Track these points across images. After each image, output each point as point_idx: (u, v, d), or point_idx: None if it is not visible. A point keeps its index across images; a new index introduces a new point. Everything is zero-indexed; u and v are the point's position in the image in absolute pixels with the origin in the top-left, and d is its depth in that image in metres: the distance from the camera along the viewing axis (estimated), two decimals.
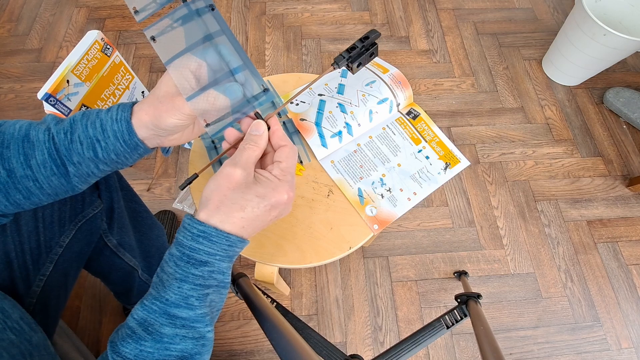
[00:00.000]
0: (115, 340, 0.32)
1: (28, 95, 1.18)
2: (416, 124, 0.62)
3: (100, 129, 0.34)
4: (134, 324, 0.32)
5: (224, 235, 0.32)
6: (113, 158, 0.35)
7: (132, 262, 0.67)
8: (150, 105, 0.34)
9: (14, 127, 0.34)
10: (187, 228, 0.32)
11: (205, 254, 0.32)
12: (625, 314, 0.94)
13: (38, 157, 0.33)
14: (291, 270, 0.96)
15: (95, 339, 0.87)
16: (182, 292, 0.31)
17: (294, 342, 0.42)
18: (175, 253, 0.32)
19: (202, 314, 0.33)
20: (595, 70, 1.19)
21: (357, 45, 0.38)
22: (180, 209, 1.02)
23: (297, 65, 1.26)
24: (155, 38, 0.34)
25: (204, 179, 0.56)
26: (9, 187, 0.34)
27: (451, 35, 1.35)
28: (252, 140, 0.35)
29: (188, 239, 0.32)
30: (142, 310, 0.32)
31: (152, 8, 0.34)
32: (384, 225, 0.54)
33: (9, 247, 0.43)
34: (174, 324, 0.31)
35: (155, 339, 0.31)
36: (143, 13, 0.34)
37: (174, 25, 0.34)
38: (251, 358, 0.87)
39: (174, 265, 0.32)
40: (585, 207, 1.06)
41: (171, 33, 0.34)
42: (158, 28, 0.34)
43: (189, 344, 0.32)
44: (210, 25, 0.34)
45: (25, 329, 0.37)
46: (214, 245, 0.32)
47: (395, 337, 0.90)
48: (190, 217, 0.33)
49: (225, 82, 0.35)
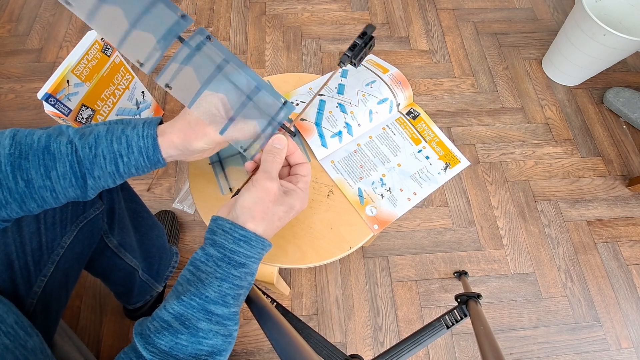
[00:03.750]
0: (147, 333, 0.33)
1: (28, 95, 1.18)
2: (416, 124, 0.62)
3: (126, 144, 0.36)
4: (170, 318, 0.33)
5: (261, 239, 0.36)
6: (132, 172, 0.38)
7: (132, 262, 0.67)
8: (181, 130, 0.37)
9: (32, 137, 0.35)
10: (229, 232, 0.35)
11: (244, 257, 0.36)
12: (625, 313, 0.94)
13: (59, 169, 0.35)
14: (291, 270, 0.97)
15: (95, 339, 0.87)
16: (221, 290, 0.34)
17: (294, 342, 0.42)
18: (215, 254, 0.35)
19: (234, 312, 0.36)
20: (595, 70, 1.19)
21: (357, 42, 0.40)
22: (180, 209, 1.02)
23: (297, 65, 1.27)
24: (169, 85, 0.36)
25: (206, 181, 0.56)
26: (26, 197, 0.35)
27: (451, 35, 1.36)
28: (277, 154, 0.39)
29: (230, 242, 0.35)
30: (179, 305, 0.34)
31: (155, 56, 0.35)
32: (384, 225, 0.54)
33: (10, 248, 0.43)
34: (210, 320, 0.34)
35: (191, 332, 0.33)
36: (148, 63, 0.35)
37: (182, 67, 0.36)
38: (251, 358, 0.87)
39: (214, 265, 0.35)
40: (585, 207, 1.06)
41: (182, 75, 0.36)
42: (168, 74, 0.35)
43: (220, 340, 0.35)
44: (215, 57, 0.36)
45: (20, 334, 0.37)
46: (252, 249, 0.36)
47: (396, 337, 0.90)
48: (232, 223, 0.36)
49: (248, 107, 0.38)
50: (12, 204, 0.34)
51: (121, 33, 0.34)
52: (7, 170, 0.33)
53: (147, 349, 0.32)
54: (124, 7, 0.34)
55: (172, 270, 0.85)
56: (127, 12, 0.34)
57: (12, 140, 0.34)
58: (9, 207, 0.35)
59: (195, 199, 0.55)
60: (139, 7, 0.33)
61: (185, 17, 0.35)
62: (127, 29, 0.34)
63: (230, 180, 0.56)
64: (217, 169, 0.56)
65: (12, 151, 0.34)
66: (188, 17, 0.35)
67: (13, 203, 0.34)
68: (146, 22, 0.34)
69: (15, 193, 0.34)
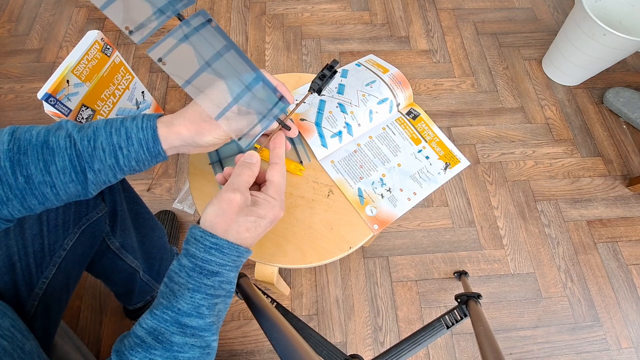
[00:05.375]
0: (122, 350, 0.33)
1: (28, 95, 1.18)
2: (416, 124, 0.62)
3: (125, 137, 0.36)
4: (143, 333, 0.33)
5: (235, 246, 0.35)
6: (133, 165, 0.37)
7: (134, 263, 0.67)
8: (192, 122, 0.37)
9: (30, 133, 0.35)
10: (200, 240, 0.34)
11: (217, 265, 0.34)
12: (625, 314, 0.94)
13: (58, 163, 0.34)
14: (291, 270, 0.97)
15: (95, 339, 0.87)
16: (194, 302, 0.33)
17: (294, 342, 0.42)
18: (187, 264, 0.34)
19: (211, 323, 0.34)
20: (595, 70, 1.19)
21: (326, 73, 0.44)
22: (180, 209, 1.02)
23: (297, 65, 1.27)
24: (162, 59, 0.33)
25: (206, 181, 0.56)
26: (26, 193, 0.34)
27: (451, 35, 1.36)
28: (246, 167, 0.38)
29: (201, 250, 0.34)
30: (152, 320, 0.33)
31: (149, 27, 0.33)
32: (384, 225, 0.54)
33: (12, 250, 0.43)
34: (184, 333, 0.33)
35: (165, 347, 0.32)
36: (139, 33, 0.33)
37: (179, 44, 0.34)
38: (251, 358, 0.87)
39: (185, 276, 0.33)
40: (585, 207, 1.06)
41: (179, 52, 0.34)
42: (163, 48, 0.33)
43: (197, 353, 0.33)
44: (216, 41, 0.35)
45: (17, 337, 0.37)
46: (225, 257, 0.34)
47: (396, 337, 0.90)
48: (203, 230, 0.34)
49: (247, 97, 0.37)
50: (13, 200, 0.34)
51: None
52: (7, 166, 0.33)
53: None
54: None
55: None
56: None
57: (11, 136, 0.34)
58: (10, 204, 0.34)
59: (195, 199, 0.55)
60: None
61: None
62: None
63: None
64: (217, 169, 0.56)
65: (10, 147, 0.33)
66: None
67: (14, 200, 0.34)
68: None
69: (16, 189, 0.34)
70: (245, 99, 0.37)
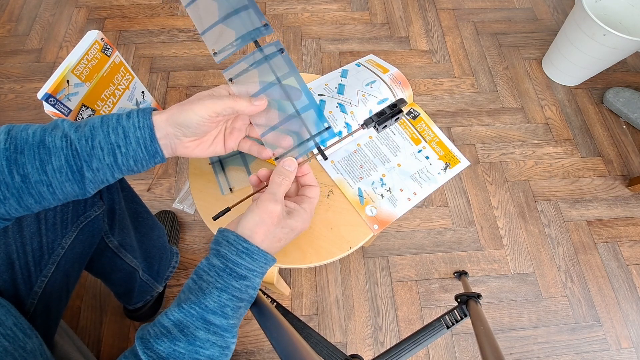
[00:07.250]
0: (147, 337, 0.34)
1: (28, 95, 1.18)
2: (416, 124, 0.62)
3: (123, 135, 0.36)
4: (170, 324, 0.34)
5: (264, 254, 0.37)
6: (131, 164, 0.37)
7: (133, 262, 0.67)
8: (173, 107, 0.38)
9: (27, 132, 0.35)
10: (233, 244, 0.36)
11: (246, 269, 0.36)
12: (625, 313, 0.94)
13: (54, 162, 0.34)
14: (291, 270, 0.97)
15: (96, 339, 0.87)
16: (220, 301, 0.34)
17: (295, 342, 0.42)
18: (217, 264, 0.35)
19: (232, 325, 0.36)
20: (595, 70, 1.19)
21: (386, 111, 0.41)
22: (181, 209, 1.02)
23: (297, 65, 1.27)
24: (233, 80, 0.40)
25: (206, 181, 0.56)
26: (23, 192, 0.34)
27: (451, 35, 1.36)
28: (286, 176, 0.40)
29: (232, 253, 0.36)
30: (179, 313, 0.34)
31: (229, 50, 0.40)
32: (384, 225, 0.54)
33: (10, 248, 0.43)
34: (208, 330, 0.34)
35: (189, 340, 0.33)
36: (221, 54, 0.40)
37: (249, 68, 0.40)
38: (251, 358, 0.87)
39: (215, 275, 0.35)
40: (585, 207, 1.06)
41: (247, 75, 0.41)
42: (236, 70, 0.40)
43: (216, 351, 0.35)
44: (280, 68, 0.40)
45: (19, 336, 0.37)
46: (254, 262, 0.36)
47: (396, 337, 0.91)
48: (236, 235, 0.36)
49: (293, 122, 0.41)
50: (10, 199, 0.34)
51: (209, 23, 0.40)
52: (3, 165, 0.33)
53: (146, 353, 0.33)
54: (220, 2, 0.40)
55: (173, 271, 0.85)
56: (221, 8, 0.40)
57: (7, 135, 0.34)
58: (7, 203, 0.34)
59: (195, 199, 0.55)
60: (233, 6, 0.40)
61: (267, 26, 0.40)
62: (216, 21, 0.40)
63: (230, 180, 0.56)
64: (217, 169, 0.56)
65: (7, 146, 0.33)
66: (269, 27, 0.40)
67: (11, 199, 0.34)
68: (233, 20, 0.40)
69: (12, 188, 0.34)
70: (292, 122, 0.40)
